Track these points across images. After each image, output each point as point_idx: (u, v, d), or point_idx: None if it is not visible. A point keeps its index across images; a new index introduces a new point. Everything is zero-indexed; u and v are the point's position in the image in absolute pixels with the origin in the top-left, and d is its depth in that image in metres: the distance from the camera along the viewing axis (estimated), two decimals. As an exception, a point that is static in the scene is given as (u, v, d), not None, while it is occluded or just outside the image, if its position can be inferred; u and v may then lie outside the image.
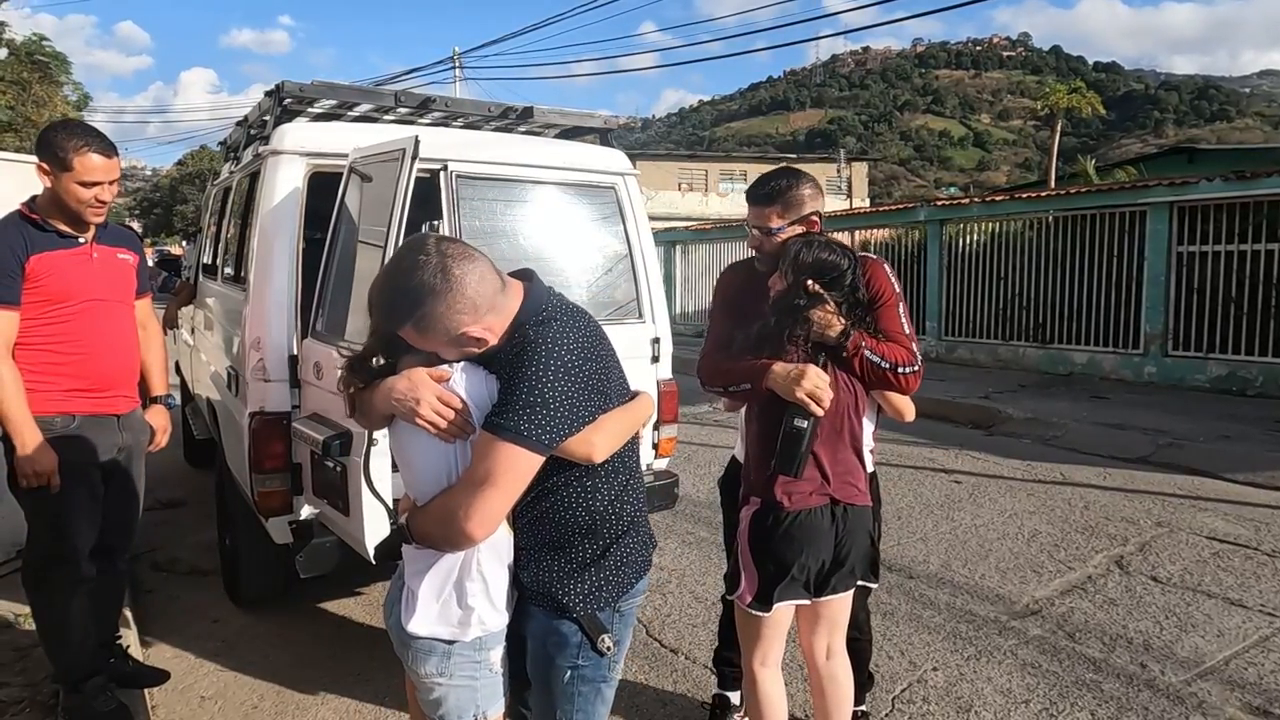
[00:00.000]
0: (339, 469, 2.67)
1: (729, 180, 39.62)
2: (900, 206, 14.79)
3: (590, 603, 1.62)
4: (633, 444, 1.72)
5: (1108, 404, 8.67)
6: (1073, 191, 11.38)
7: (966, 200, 13.47)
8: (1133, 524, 5.01)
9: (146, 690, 3.00)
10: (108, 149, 2.49)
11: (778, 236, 2.29)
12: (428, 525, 1.52)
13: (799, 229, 2.30)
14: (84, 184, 2.44)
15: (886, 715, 2.95)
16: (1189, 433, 7.19)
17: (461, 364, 1.57)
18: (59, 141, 2.44)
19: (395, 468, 2.17)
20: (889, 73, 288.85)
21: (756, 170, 41.02)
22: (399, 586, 1.70)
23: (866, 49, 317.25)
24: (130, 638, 3.27)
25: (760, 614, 2.21)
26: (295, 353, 3.06)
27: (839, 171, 35.83)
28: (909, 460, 6.67)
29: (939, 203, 13.34)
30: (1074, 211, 10.83)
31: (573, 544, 1.62)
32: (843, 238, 14.52)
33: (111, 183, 2.53)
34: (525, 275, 1.66)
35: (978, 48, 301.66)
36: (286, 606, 3.81)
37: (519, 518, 1.63)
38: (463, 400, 1.52)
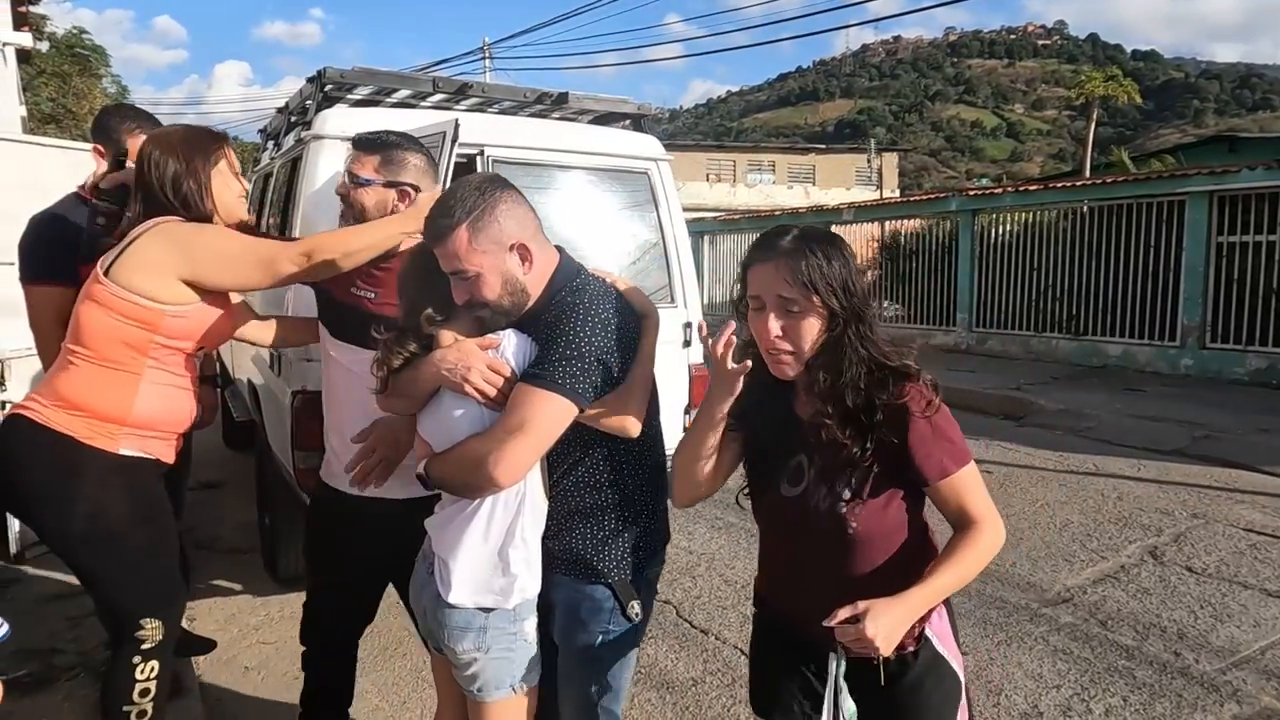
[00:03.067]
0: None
1: (757, 171, 39.42)
2: (931, 196, 14.68)
3: (622, 569, 1.66)
4: (656, 414, 1.75)
5: (1142, 396, 8.55)
6: (1109, 181, 11.23)
7: (999, 190, 13.31)
8: (1167, 515, 4.96)
9: (193, 659, 3.10)
10: None
11: (364, 189, 2.13)
12: (450, 469, 1.56)
13: (392, 193, 2.14)
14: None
15: (916, 697, 2.96)
16: (1226, 425, 7.08)
17: (507, 331, 1.61)
18: (114, 125, 2.53)
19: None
20: (920, 62, 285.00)
21: (785, 161, 40.85)
22: (426, 567, 1.72)
23: (897, 38, 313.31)
24: (177, 609, 3.37)
25: None
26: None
27: (869, 162, 35.52)
28: (939, 450, 6.64)
29: (971, 193, 13.20)
30: (1110, 201, 10.67)
31: (607, 511, 1.66)
32: (873, 228, 14.44)
33: None
34: (558, 249, 1.71)
35: (1011, 36, 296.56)
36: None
37: (554, 486, 1.66)
38: (511, 367, 1.56)
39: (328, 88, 3.40)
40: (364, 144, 2.18)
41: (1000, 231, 12.21)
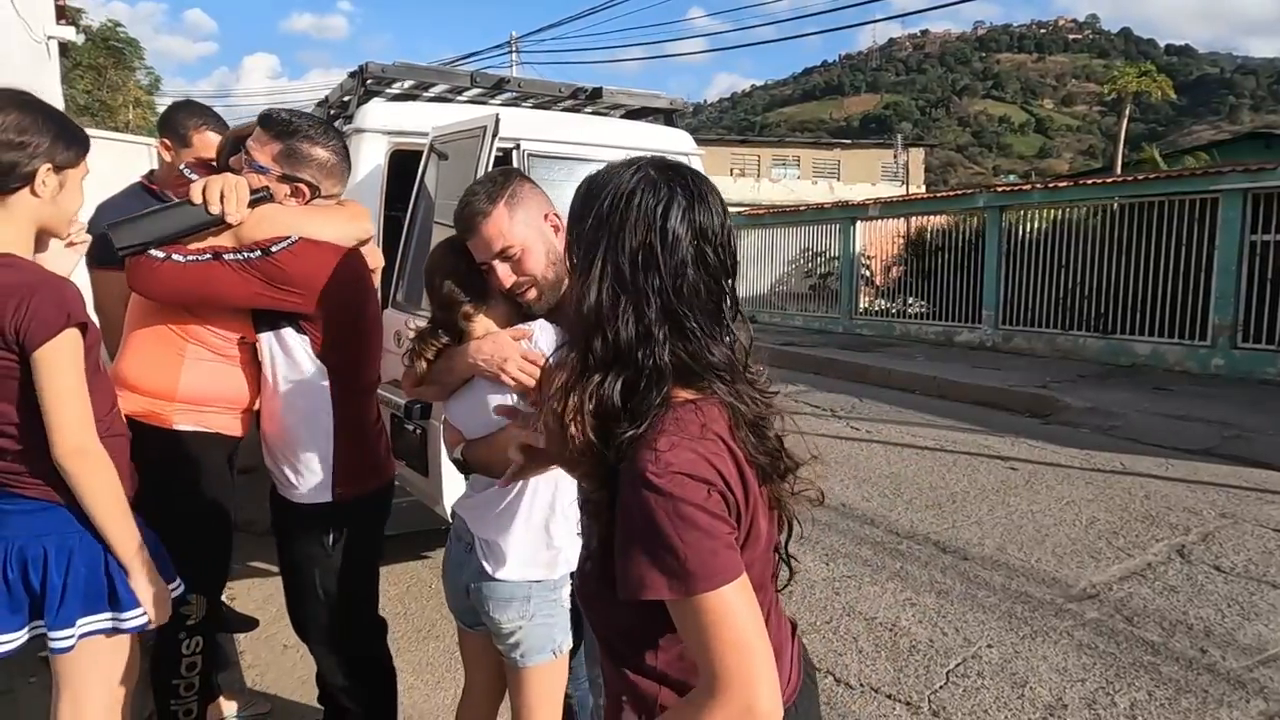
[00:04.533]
0: (419, 432, 2.82)
1: (782, 166, 39.25)
2: (958, 193, 14.57)
3: None
4: None
5: (1171, 395, 8.47)
6: (1141, 178, 11.09)
7: (1028, 186, 13.19)
8: (1195, 514, 4.94)
9: (236, 636, 3.21)
10: (222, 127, 2.69)
11: (258, 174, 1.95)
12: (495, 455, 1.61)
13: (285, 188, 1.97)
14: (200, 159, 2.63)
15: (940, 688, 3.00)
16: (1257, 425, 7.01)
17: (539, 321, 1.67)
18: (180, 120, 2.64)
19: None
20: (948, 56, 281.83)
21: (810, 155, 40.62)
22: (463, 546, 1.78)
23: (925, 32, 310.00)
24: (219, 588, 3.49)
25: None
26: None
27: (895, 157, 35.23)
28: (963, 446, 6.64)
29: (999, 189, 13.09)
30: (1141, 198, 10.54)
31: None
32: (898, 224, 14.37)
33: None
34: None
35: (1042, 30, 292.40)
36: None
37: None
38: (546, 356, 1.62)
39: (368, 82, 3.48)
40: (269, 124, 1.96)
41: (1028, 228, 12.10)
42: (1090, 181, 12.27)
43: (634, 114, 4.18)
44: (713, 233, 1.02)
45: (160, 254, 1.86)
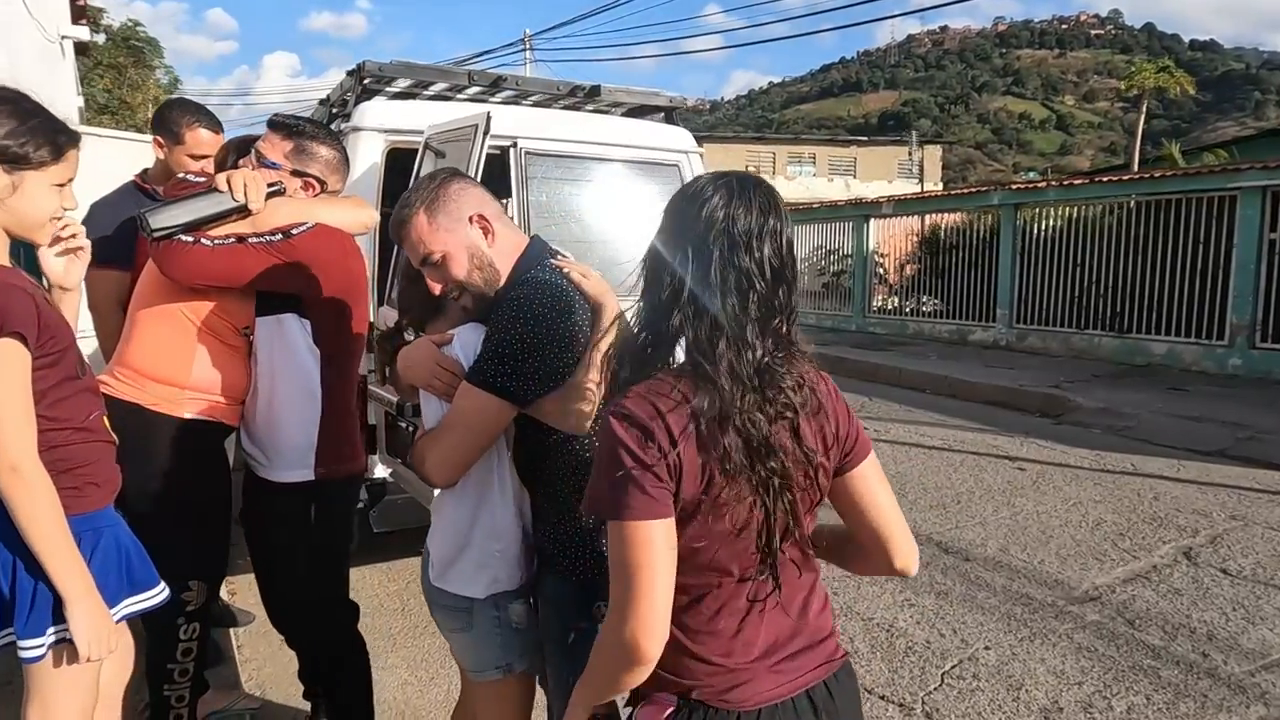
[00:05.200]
0: (411, 429, 2.83)
1: (797, 163, 39.07)
2: (973, 190, 14.44)
3: (593, 568, 1.56)
4: None
5: (1186, 396, 8.36)
6: (1158, 175, 10.93)
7: (1043, 184, 13.05)
8: (1205, 516, 4.87)
9: (233, 630, 3.23)
10: (215, 125, 2.70)
11: (269, 170, 2.07)
12: (413, 463, 1.63)
13: (295, 183, 2.10)
14: (193, 156, 2.64)
15: (935, 689, 2.98)
16: (1273, 427, 6.90)
17: (464, 327, 1.65)
18: (173, 117, 2.66)
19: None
20: (967, 53, 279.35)
21: (826, 153, 40.40)
22: (426, 550, 1.78)
23: (944, 28, 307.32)
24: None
25: None
26: (371, 319, 3.22)
27: (910, 154, 34.99)
28: (971, 446, 6.59)
29: (1014, 186, 12.96)
30: (1159, 196, 10.41)
31: (571, 508, 1.55)
32: (912, 222, 14.27)
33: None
34: (535, 238, 1.73)
35: (1063, 26, 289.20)
36: (359, 562, 4.01)
37: (534, 480, 1.64)
38: (459, 362, 1.60)
39: (366, 81, 3.50)
40: (278, 127, 2.13)
41: (1043, 226, 11.98)
42: (1107, 179, 12.12)
43: (634, 112, 4.17)
44: (777, 242, 1.13)
45: (189, 239, 1.94)
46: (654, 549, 1.07)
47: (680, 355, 1.14)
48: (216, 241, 1.95)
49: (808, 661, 1.21)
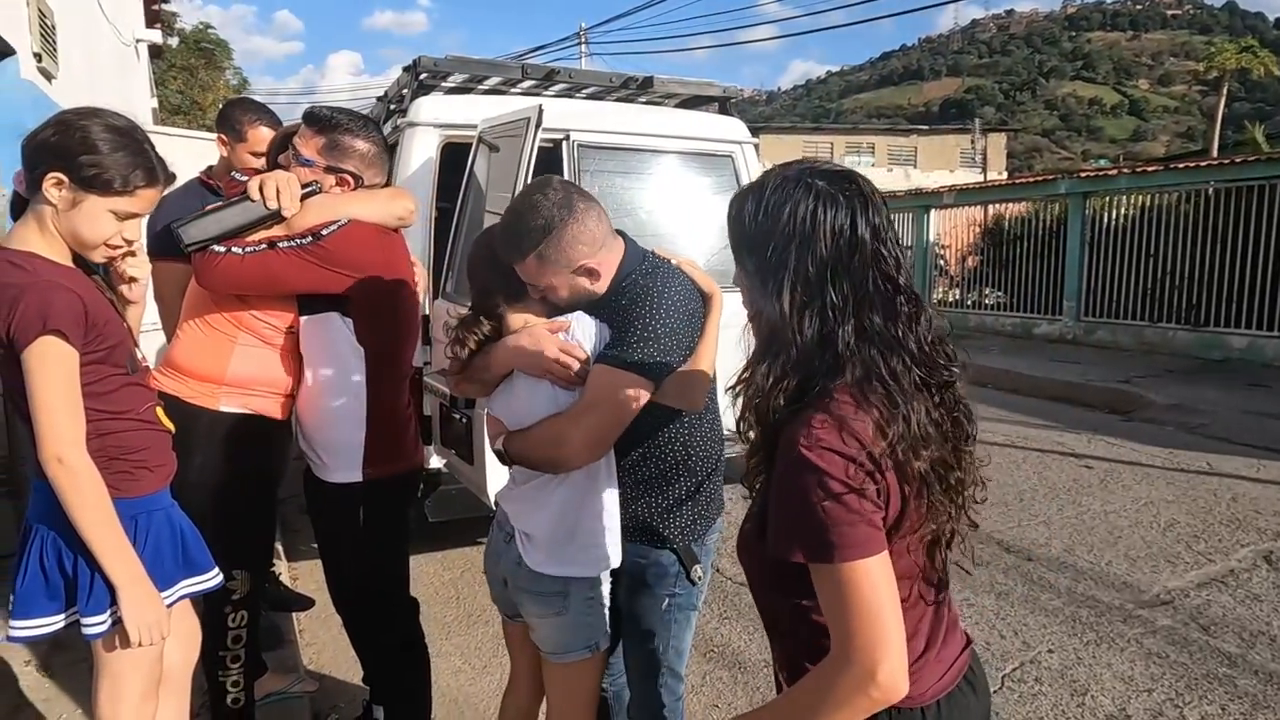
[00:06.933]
0: (465, 421, 2.86)
1: (856, 154, 38.37)
2: (1038, 179, 13.99)
3: (686, 535, 1.74)
4: (715, 390, 1.79)
5: (1267, 392, 7.97)
6: (1239, 160, 10.43)
7: (1114, 171, 12.55)
8: (1287, 519, 4.64)
9: (295, 614, 3.32)
10: (276, 123, 2.77)
11: (305, 168, 2.04)
12: (530, 447, 1.62)
13: (330, 179, 2.06)
14: (254, 154, 2.71)
15: (995, 692, 2.90)
16: (1363, 426, 6.54)
17: (575, 314, 1.66)
18: (235, 115, 2.74)
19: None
20: (1034, 36, 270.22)
21: (885, 143, 39.63)
22: (503, 536, 1.79)
23: (1010, 12, 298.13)
24: (281, 567, 3.62)
25: None
26: (427, 312, 3.27)
27: (973, 143, 34.06)
28: (1034, 443, 6.39)
29: (1083, 174, 12.51)
30: (1239, 183, 9.92)
31: (672, 481, 1.72)
32: (975, 212, 13.89)
33: None
34: (620, 233, 1.74)
35: (1138, 7, 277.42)
36: (415, 552, 4.09)
37: (623, 457, 1.71)
38: (584, 348, 1.62)
39: (422, 76, 3.54)
40: (313, 121, 2.08)
41: (1114, 215, 11.54)
42: (1183, 165, 11.61)
43: (688, 103, 4.14)
44: (885, 232, 1.08)
45: (220, 249, 1.95)
46: (888, 586, 1.00)
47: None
48: (247, 250, 1.94)
49: (954, 647, 1.21)
